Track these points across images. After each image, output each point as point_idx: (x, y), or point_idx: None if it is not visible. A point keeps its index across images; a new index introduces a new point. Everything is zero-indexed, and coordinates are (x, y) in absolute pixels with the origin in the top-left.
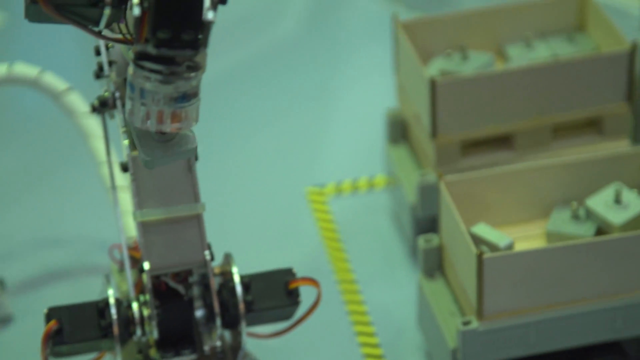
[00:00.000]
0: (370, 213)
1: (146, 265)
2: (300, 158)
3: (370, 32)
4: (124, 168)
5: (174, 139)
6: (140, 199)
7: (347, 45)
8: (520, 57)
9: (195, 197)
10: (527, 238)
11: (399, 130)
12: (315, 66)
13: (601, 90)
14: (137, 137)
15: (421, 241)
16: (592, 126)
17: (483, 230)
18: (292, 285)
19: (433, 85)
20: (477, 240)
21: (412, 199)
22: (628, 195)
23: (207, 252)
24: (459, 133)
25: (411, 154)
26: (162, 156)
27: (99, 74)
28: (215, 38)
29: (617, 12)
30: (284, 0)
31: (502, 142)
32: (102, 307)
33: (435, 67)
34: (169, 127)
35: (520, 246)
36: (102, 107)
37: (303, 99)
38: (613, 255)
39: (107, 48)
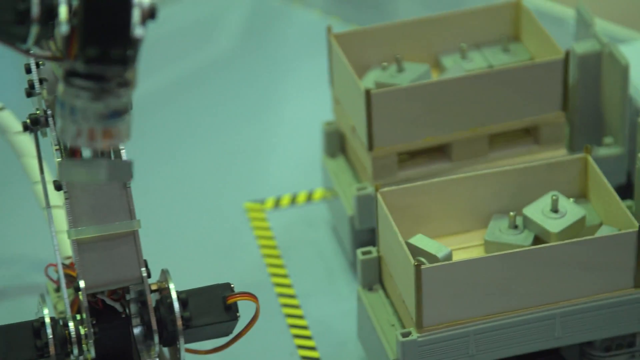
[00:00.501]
0: (310, 227)
1: (82, 284)
2: (240, 174)
3: (308, 45)
4: (58, 187)
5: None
6: (75, 217)
7: (284, 59)
8: (455, 67)
9: (131, 214)
10: (465, 248)
11: (336, 143)
12: (253, 81)
13: (537, 99)
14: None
15: (359, 253)
16: (529, 135)
17: (421, 241)
18: (230, 300)
19: (368, 97)
20: (415, 252)
21: (350, 211)
22: (565, 203)
23: (143, 269)
24: (396, 144)
25: (349, 167)
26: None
27: (30, 92)
28: (152, 54)
29: (552, 19)
30: (221, 14)
31: (439, 152)
32: (37, 327)
33: (370, 79)
34: (100, 144)
35: (458, 256)
36: (34, 125)
37: (242, 114)
38: (551, 263)
39: (38, 66)
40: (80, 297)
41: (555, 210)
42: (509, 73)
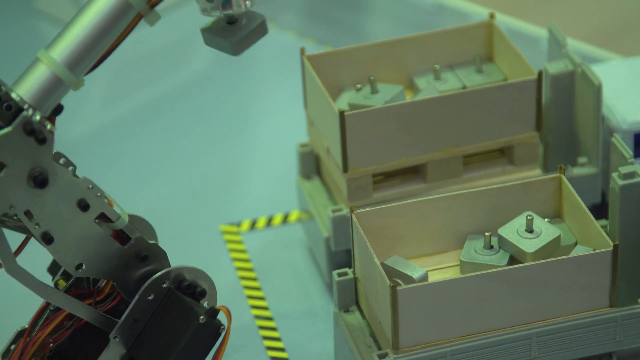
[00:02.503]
0: (286, 248)
1: None
2: (215, 196)
3: (282, 66)
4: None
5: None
6: None
7: (259, 80)
8: (429, 88)
9: None
10: (441, 269)
11: (311, 165)
12: (227, 102)
13: (511, 119)
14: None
15: (335, 275)
16: (503, 155)
17: (396, 262)
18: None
19: (342, 118)
20: (391, 273)
21: (325, 233)
22: (539, 223)
23: None
24: (370, 166)
25: (324, 188)
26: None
27: None
28: (126, 77)
29: (526, 38)
30: (195, 35)
31: (413, 173)
32: None
33: (344, 101)
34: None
35: (434, 277)
36: None
37: (216, 135)
38: (527, 283)
39: None
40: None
41: (530, 230)
42: (482, 93)
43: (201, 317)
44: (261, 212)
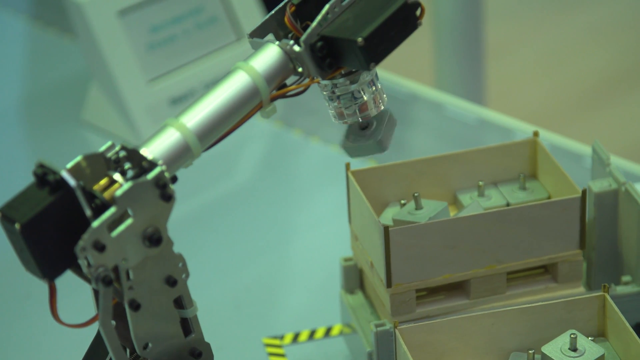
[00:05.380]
0: None
1: None
2: (257, 308)
3: (326, 179)
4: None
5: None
6: None
7: (302, 192)
8: (473, 204)
9: None
10: None
11: (354, 279)
12: (270, 213)
13: (554, 237)
14: (358, 143)
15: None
16: (547, 272)
17: None
18: None
19: (386, 233)
20: None
21: (369, 347)
22: (583, 342)
23: None
24: (414, 281)
25: (367, 302)
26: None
27: None
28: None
29: (569, 155)
30: (241, 147)
31: (457, 289)
32: None
33: (388, 216)
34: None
35: None
36: None
37: (260, 247)
38: None
39: None
40: None
41: (574, 349)
42: (526, 211)
43: None
44: (304, 325)
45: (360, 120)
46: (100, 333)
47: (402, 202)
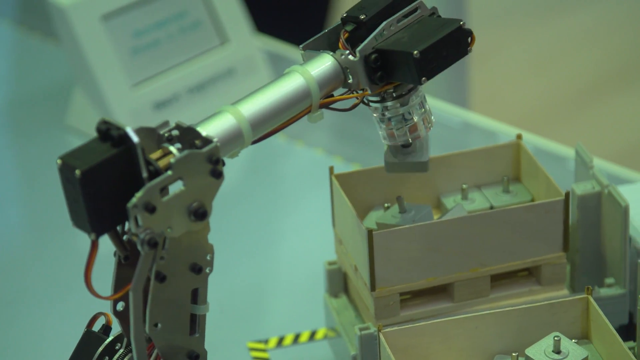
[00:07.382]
0: None
1: None
2: (242, 312)
3: (310, 183)
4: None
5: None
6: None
7: (287, 196)
8: (457, 208)
9: None
10: None
11: (338, 283)
12: (255, 218)
13: (538, 240)
14: (401, 160)
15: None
16: (530, 275)
17: None
18: None
19: (370, 237)
20: None
21: (353, 351)
22: (567, 344)
23: None
24: (398, 285)
25: (351, 306)
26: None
27: None
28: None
29: (553, 157)
30: None
31: (441, 292)
32: None
33: (372, 220)
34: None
35: None
36: None
37: (244, 252)
38: None
39: None
40: None
41: (557, 351)
42: (509, 214)
43: None
44: (288, 329)
45: (411, 142)
46: (83, 338)
47: (386, 205)
